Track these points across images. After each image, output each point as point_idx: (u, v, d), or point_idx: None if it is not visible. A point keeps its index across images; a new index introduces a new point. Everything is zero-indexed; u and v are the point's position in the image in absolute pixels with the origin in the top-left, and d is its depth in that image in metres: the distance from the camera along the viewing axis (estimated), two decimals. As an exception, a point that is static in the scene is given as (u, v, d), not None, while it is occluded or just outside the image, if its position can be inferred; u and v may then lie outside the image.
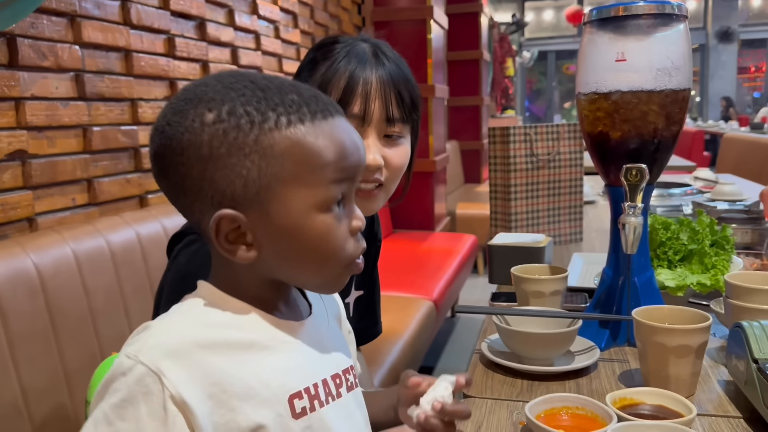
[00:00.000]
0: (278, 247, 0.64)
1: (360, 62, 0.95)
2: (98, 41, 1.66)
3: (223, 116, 0.62)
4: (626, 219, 0.98)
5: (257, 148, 0.61)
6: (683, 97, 1.00)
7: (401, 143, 0.98)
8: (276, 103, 0.63)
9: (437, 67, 3.89)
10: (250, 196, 0.62)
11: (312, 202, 0.63)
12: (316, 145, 0.63)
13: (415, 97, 1.00)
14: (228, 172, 0.62)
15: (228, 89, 0.63)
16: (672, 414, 0.80)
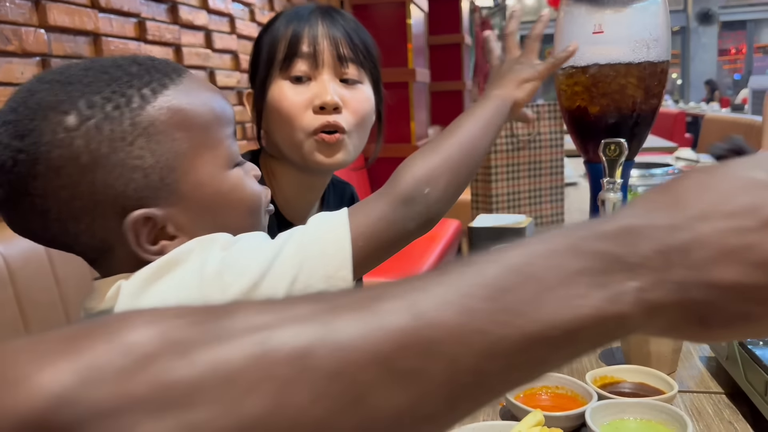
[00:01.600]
0: (205, 222, 0.60)
1: (303, 17, 0.94)
2: (65, 25, 1.61)
3: (85, 113, 0.54)
4: (605, 195, 0.96)
5: (138, 131, 0.56)
6: (662, 69, 0.99)
7: (360, 87, 0.96)
8: (126, 80, 0.57)
9: (418, 51, 3.86)
10: (155, 184, 0.57)
11: (220, 163, 0.61)
12: (193, 104, 0.59)
13: (369, 46, 0.98)
14: (121, 170, 0.55)
15: (65, 85, 0.56)
16: (653, 391, 0.78)
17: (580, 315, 0.28)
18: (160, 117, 0.56)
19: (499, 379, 0.29)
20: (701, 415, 0.77)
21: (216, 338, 0.26)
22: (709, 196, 0.31)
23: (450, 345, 0.27)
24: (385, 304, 0.28)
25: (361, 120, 0.95)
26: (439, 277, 0.29)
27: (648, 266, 0.29)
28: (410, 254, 2.89)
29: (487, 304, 0.28)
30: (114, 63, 0.59)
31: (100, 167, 0.55)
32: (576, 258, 0.29)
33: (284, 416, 0.25)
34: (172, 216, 0.58)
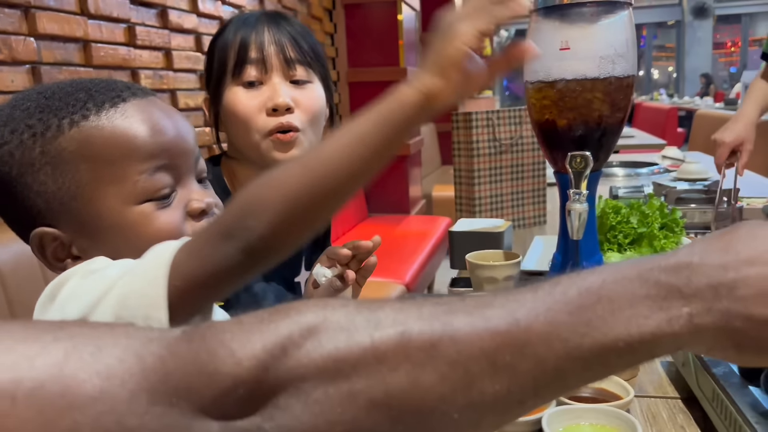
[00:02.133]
0: (107, 250, 0.61)
1: (251, 24, 0.99)
2: (55, 32, 1.64)
3: (6, 138, 0.59)
4: (571, 205, 1.00)
5: (46, 159, 0.59)
6: (627, 83, 1.02)
7: (310, 87, 1.02)
8: (58, 108, 0.60)
9: (409, 48, 3.88)
10: (56, 210, 0.60)
11: (123, 197, 0.60)
12: (105, 138, 0.60)
13: (315, 48, 1.03)
14: (26, 192, 0.60)
15: (14, 109, 0.61)
16: (611, 396, 0.82)
17: (643, 332, 0.35)
18: (68, 148, 0.59)
19: (574, 377, 0.36)
20: (656, 419, 0.81)
21: (369, 326, 0.34)
22: (756, 245, 0.37)
23: (538, 347, 0.34)
24: (490, 310, 0.35)
25: (313, 117, 1.02)
26: (533, 293, 0.36)
27: (700, 297, 0.36)
28: (399, 252, 2.93)
29: (569, 318, 0.35)
30: (73, 88, 0.62)
31: (11, 187, 0.60)
32: (642, 285, 0.36)
33: (417, 390, 0.33)
34: (75, 239, 0.62)
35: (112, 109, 0.61)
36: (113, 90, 0.62)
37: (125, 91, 0.63)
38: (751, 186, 2.32)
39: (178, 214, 0.63)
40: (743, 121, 1.75)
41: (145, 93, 0.65)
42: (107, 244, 0.62)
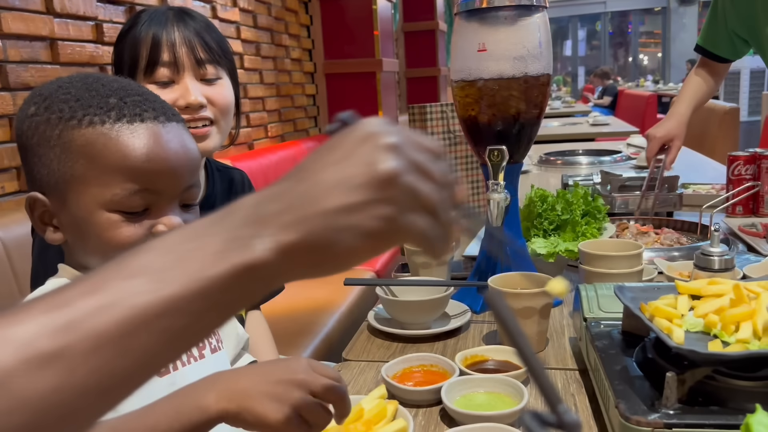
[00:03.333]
0: (73, 234, 0.71)
1: (161, 23, 1.06)
2: (20, 31, 1.70)
3: (41, 110, 0.68)
4: (490, 195, 1.08)
5: (59, 142, 0.67)
6: (542, 82, 1.10)
7: (220, 83, 1.11)
8: (90, 104, 0.68)
9: (385, 38, 3.94)
10: (52, 184, 0.69)
11: (99, 201, 0.67)
12: (106, 147, 0.66)
13: (222, 44, 1.11)
14: (37, 161, 0.69)
15: (59, 89, 0.69)
16: (513, 368, 0.91)
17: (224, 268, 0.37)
18: (78, 141, 0.67)
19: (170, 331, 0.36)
20: (550, 388, 0.89)
21: None
22: (319, 157, 0.42)
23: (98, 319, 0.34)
24: None
25: (225, 110, 1.11)
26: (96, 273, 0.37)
27: (274, 216, 0.39)
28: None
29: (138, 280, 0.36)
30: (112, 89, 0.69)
31: (29, 151, 0.70)
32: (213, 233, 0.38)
33: None
34: (57, 213, 0.71)
35: (126, 125, 0.67)
36: (140, 107, 0.69)
37: (149, 112, 0.69)
38: (703, 172, 2.41)
39: (140, 231, 0.68)
40: (675, 118, 1.85)
41: (168, 119, 0.70)
42: (74, 233, 0.70)
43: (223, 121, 1.12)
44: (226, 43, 1.13)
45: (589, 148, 3.19)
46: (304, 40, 3.81)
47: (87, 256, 0.72)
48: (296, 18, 3.69)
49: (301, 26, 3.76)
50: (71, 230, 0.71)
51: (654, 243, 1.42)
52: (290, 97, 3.59)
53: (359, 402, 0.73)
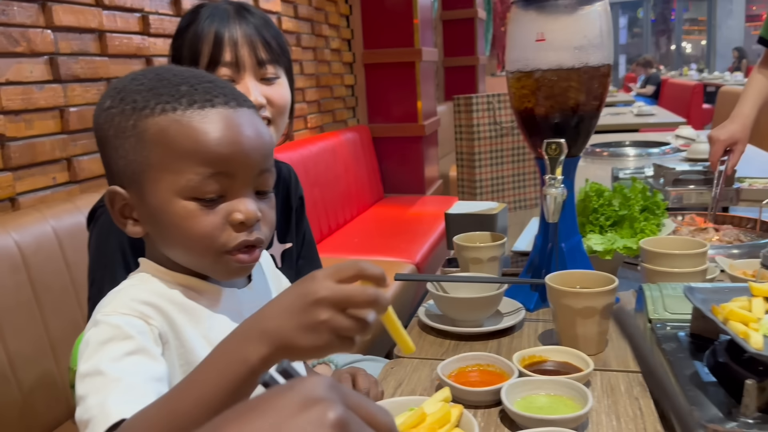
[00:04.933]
0: (152, 226, 0.70)
1: (223, 19, 1.05)
2: (71, 24, 1.72)
3: (116, 102, 0.69)
4: (547, 190, 1.05)
5: (135, 132, 0.67)
6: (603, 72, 1.06)
7: (278, 83, 1.10)
8: (161, 93, 0.68)
9: (425, 27, 3.89)
10: (129, 175, 0.69)
11: (174, 188, 0.66)
12: (179, 133, 0.66)
13: (281, 42, 1.11)
14: (114, 153, 0.69)
15: (132, 81, 0.70)
16: (574, 369, 0.88)
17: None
18: (150, 129, 0.67)
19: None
20: (613, 391, 0.86)
21: None
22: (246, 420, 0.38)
23: None
24: None
25: (282, 110, 1.11)
26: None
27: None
28: (412, 232, 2.99)
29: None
30: (182, 78, 0.70)
31: (107, 143, 0.70)
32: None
33: None
34: (136, 205, 0.70)
35: (198, 110, 0.67)
36: (210, 93, 0.68)
37: (220, 98, 0.68)
38: (760, 166, 2.32)
39: (218, 219, 0.67)
40: (740, 120, 1.72)
41: (239, 104, 0.70)
42: (153, 224, 0.70)
43: (280, 120, 1.11)
44: (284, 41, 1.12)
45: (635, 140, 3.11)
46: (344, 30, 3.79)
47: (168, 248, 0.71)
48: (336, 8, 3.67)
49: (340, 16, 3.74)
50: (150, 222, 0.70)
51: (714, 240, 1.37)
52: (329, 87, 3.58)
53: (422, 405, 0.71)
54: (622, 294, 1.15)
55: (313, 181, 2.88)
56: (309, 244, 1.37)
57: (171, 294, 0.70)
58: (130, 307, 0.66)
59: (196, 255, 0.69)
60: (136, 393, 0.59)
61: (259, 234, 0.70)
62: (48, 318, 1.46)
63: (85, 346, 0.64)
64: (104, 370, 0.60)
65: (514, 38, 1.09)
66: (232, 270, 0.70)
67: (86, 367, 0.61)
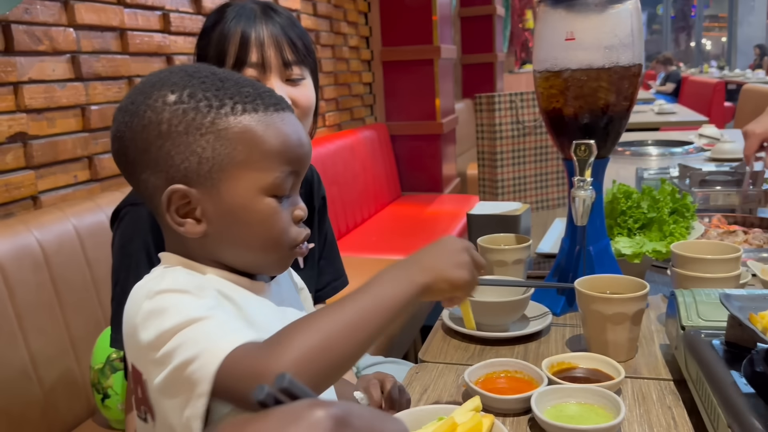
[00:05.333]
0: (226, 224, 0.70)
1: (249, 19, 1.04)
2: (93, 22, 1.72)
3: (184, 98, 0.68)
4: (576, 192, 1.03)
5: (213, 129, 0.68)
6: (633, 72, 1.03)
7: (304, 83, 1.09)
8: (233, 93, 0.69)
9: (444, 24, 3.87)
10: (203, 173, 0.68)
11: (260, 186, 0.69)
12: (266, 133, 0.69)
13: (307, 42, 1.10)
14: (183, 149, 0.68)
15: (190, 77, 0.70)
16: (604, 377, 0.86)
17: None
18: (234, 128, 0.68)
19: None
20: (645, 399, 0.84)
21: None
22: None
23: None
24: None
25: (307, 111, 1.10)
26: None
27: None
28: (429, 231, 2.98)
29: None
30: (236, 79, 0.72)
31: (170, 139, 0.68)
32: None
33: None
34: (204, 203, 0.69)
35: (276, 113, 0.71)
36: (274, 98, 0.72)
37: (282, 103, 0.73)
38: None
39: (288, 216, 0.72)
40: None
41: (291, 108, 0.75)
42: (224, 222, 0.70)
43: (305, 121, 1.10)
44: (309, 40, 1.11)
45: (658, 138, 3.07)
46: (362, 27, 3.78)
47: (233, 246, 0.71)
48: (355, 5, 3.66)
49: (359, 13, 3.73)
50: (220, 219, 0.69)
51: (743, 243, 1.34)
52: (347, 85, 3.57)
53: (452, 414, 0.70)
54: (651, 299, 1.13)
55: (331, 179, 2.87)
56: (330, 244, 1.35)
57: (207, 281, 0.70)
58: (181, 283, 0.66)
59: (271, 251, 0.72)
60: (239, 325, 0.63)
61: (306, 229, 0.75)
62: (69, 317, 1.46)
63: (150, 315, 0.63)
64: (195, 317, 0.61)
65: (543, 37, 1.06)
66: (287, 264, 0.76)
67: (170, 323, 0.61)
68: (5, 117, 1.48)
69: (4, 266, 1.33)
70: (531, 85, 7.74)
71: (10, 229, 1.39)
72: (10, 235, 1.38)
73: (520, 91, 1.82)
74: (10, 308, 1.32)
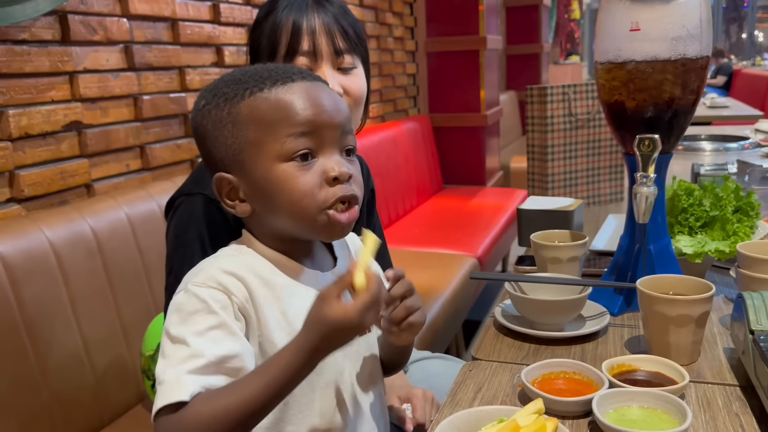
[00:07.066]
0: (259, 198, 0.76)
1: (301, 9, 1.04)
2: (145, 12, 1.74)
3: (210, 99, 0.77)
4: (638, 189, 1.00)
5: (230, 119, 0.75)
6: (701, 65, 0.99)
7: (355, 72, 1.08)
8: (246, 81, 0.76)
9: (490, 14, 3.81)
10: (232, 159, 0.76)
11: (272, 155, 0.74)
12: (269, 106, 0.74)
13: (359, 31, 1.09)
14: (216, 143, 0.77)
15: (220, 81, 0.79)
16: (667, 381, 0.83)
17: None
18: (244, 111, 0.75)
19: None
20: (710, 405, 0.81)
21: None
22: None
23: None
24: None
25: (359, 100, 1.10)
26: None
27: None
28: (473, 225, 2.95)
29: None
30: (263, 68, 0.78)
31: (208, 139, 0.78)
32: None
33: None
34: (242, 185, 0.77)
35: (281, 86, 0.75)
36: (289, 72, 0.77)
37: (297, 75, 0.77)
38: None
39: (315, 177, 0.74)
40: None
41: (314, 78, 0.79)
42: (260, 191, 0.76)
43: (356, 110, 1.09)
44: (361, 29, 1.10)
45: (711, 133, 2.97)
46: (407, 17, 3.74)
47: (274, 217, 0.77)
48: (400, -5, 3.63)
49: (404, 4, 3.70)
50: (256, 196, 0.76)
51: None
52: (391, 76, 3.55)
53: (514, 417, 0.68)
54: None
55: (374, 171, 2.83)
56: (379, 236, 1.34)
57: (259, 268, 0.76)
58: (216, 280, 0.72)
59: (300, 216, 0.75)
60: (209, 370, 0.68)
61: (354, 191, 0.76)
62: (120, 303, 1.48)
63: (175, 310, 0.71)
64: (189, 342, 0.68)
65: (606, 27, 1.03)
66: (333, 227, 0.76)
67: (175, 332, 0.69)
68: (61, 106, 1.51)
69: (59, 252, 1.35)
70: (576, 76, 7.60)
71: (65, 216, 1.42)
72: (65, 222, 1.40)
73: (572, 83, 1.78)
74: (64, 294, 1.35)
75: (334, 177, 0.74)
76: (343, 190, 0.75)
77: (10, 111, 1.39)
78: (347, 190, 0.75)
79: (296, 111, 0.74)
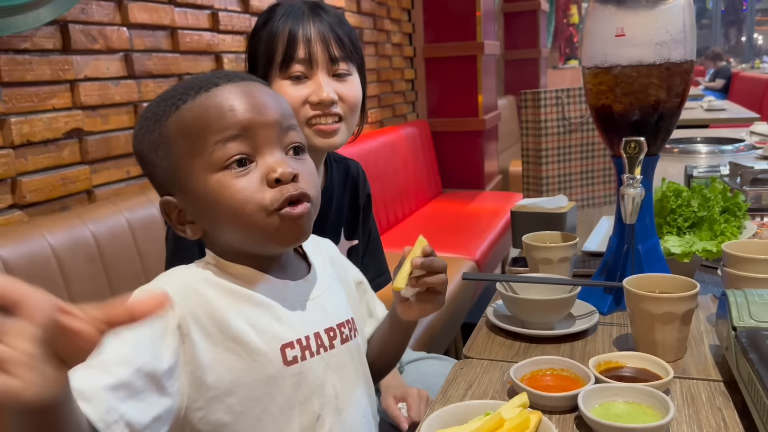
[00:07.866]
0: (203, 215, 0.73)
1: (297, 17, 1.07)
2: (145, 21, 1.77)
3: (143, 123, 0.74)
4: (625, 190, 1.02)
5: (161, 139, 0.72)
6: (685, 69, 1.02)
7: (350, 79, 1.11)
8: (172, 95, 0.72)
9: (487, 19, 3.84)
10: (171, 180, 0.73)
11: (203, 167, 0.70)
12: (193, 116, 0.71)
13: (354, 39, 1.12)
14: (155, 168, 0.74)
15: (152, 101, 0.75)
16: (652, 377, 0.85)
17: None
18: (171, 128, 0.72)
19: None
20: (694, 400, 0.83)
21: None
22: None
23: None
24: None
25: (354, 107, 1.12)
26: None
27: None
28: (472, 228, 2.97)
29: None
30: (190, 78, 0.76)
31: (146, 163, 0.75)
32: None
33: None
34: (186, 206, 0.73)
35: (204, 93, 0.71)
36: (213, 78, 0.73)
37: (222, 79, 0.73)
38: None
39: (255, 182, 0.70)
40: None
41: (242, 79, 0.74)
42: (203, 208, 0.72)
43: (351, 117, 1.12)
44: (356, 38, 1.14)
45: (707, 136, 2.99)
46: (405, 24, 3.78)
47: (223, 232, 0.73)
48: (398, 2, 3.66)
49: (402, 10, 3.73)
50: (200, 214, 0.73)
51: (798, 243, 1.30)
52: (390, 82, 3.58)
53: (499, 410, 0.70)
54: (700, 299, 1.11)
55: (373, 175, 2.87)
56: (374, 240, 1.37)
57: (218, 280, 0.73)
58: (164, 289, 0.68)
59: (247, 226, 0.71)
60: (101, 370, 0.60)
61: (303, 188, 0.71)
62: (122, 307, 1.50)
63: None
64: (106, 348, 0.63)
65: (592, 33, 1.05)
66: (286, 231, 0.71)
67: None
68: (62, 114, 1.54)
69: (61, 257, 1.38)
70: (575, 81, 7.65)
71: (66, 221, 1.44)
72: (67, 228, 1.43)
73: (565, 88, 1.80)
74: (66, 298, 1.37)
75: (276, 178, 0.70)
76: (291, 190, 0.70)
77: (12, 119, 1.41)
78: (295, 188, 0.71)
79: (220, 115, 0.70)
